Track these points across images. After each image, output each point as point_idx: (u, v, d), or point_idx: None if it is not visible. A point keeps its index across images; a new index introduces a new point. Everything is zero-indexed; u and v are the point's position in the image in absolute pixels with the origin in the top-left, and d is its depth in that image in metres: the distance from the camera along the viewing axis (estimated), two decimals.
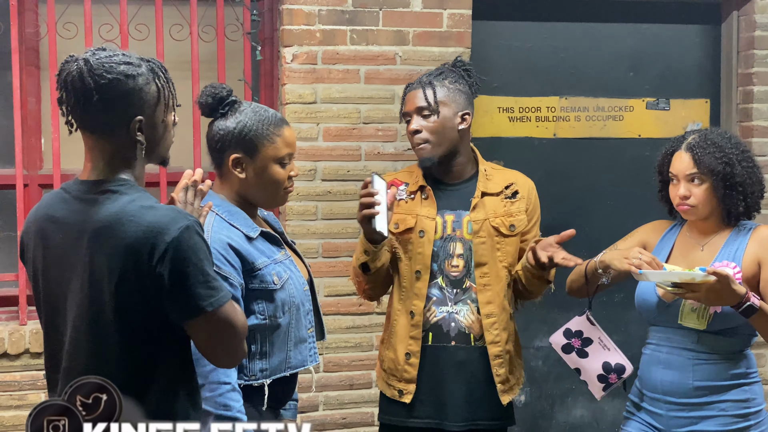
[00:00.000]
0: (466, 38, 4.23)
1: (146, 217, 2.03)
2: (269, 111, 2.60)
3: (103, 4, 4.08)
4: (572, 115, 4.60)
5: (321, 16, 4.09)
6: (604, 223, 4.44)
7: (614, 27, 4.64)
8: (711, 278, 2.61)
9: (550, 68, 4.58)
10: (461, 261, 3.02)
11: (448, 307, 3.04)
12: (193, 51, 4.10)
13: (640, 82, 4.66)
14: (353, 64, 4.12)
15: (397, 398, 3.07)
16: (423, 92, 3.04)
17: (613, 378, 2.93)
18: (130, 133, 2.11)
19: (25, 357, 3.96)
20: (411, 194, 3.08)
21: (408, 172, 3.18)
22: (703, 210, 2.85)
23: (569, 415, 4.69)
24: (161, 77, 2.16)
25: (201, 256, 2.04)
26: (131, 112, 2.10)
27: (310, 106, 4.09)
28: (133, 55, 2.14)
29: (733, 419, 2.83)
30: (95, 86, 2.06)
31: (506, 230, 3.05)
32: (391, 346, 3.08)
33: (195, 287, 2.02)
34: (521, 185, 3.15)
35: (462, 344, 3.04)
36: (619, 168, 4.64)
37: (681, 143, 2.91)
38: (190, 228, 2.03)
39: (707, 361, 2.84)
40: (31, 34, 4.17)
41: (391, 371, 3.08)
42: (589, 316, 2.99)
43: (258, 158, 2.54)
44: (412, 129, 3.03)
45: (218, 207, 2.53)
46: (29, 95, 4.17)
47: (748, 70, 4.56)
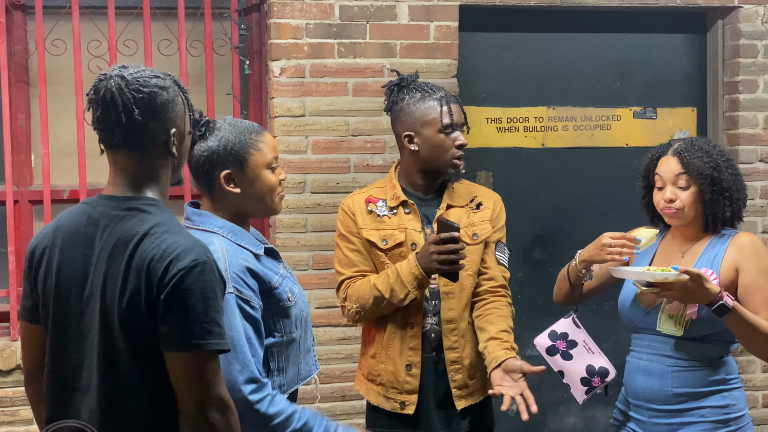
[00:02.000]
0: (453, 50, 4.25)
1: (167, 241, 2.03)
2: (245, 122, 2.59)
3: (92, 20, 4.10)
4: (560, 125, 4.62)
5: (308, 30, 4.11)
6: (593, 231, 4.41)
7: (601, 37, 4.66)
8: (684, 277, 2.63)
9: (538, 78, 4.60)
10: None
11: (429, 318, 3.05)
12: (182, 66, 4.11)
13: (627, 92, 4.69)
14: (341, 76, 4.14)
15: (398, 410, 3.06)
16: (460, 107, 3.05)
17: (596, 381, 2.93)
18: (168, 146, 2.13)
19: (17, 373, 3.95)
20: (392, 209, 3.06)
21: (379, 188, 3.15)
22: (689, 214, 2.86)
23: (561, 423, 4.70)
24: (183, 90, 2.19)
25: (207, 295, 2.02)
26: (169, 124, 2.13)
27: (298, 119, 4.11)
28: (155, 69, 2.17)
29: (714, 425, 2.84)
30: (135, 101, 2.07)
31: (469, 239, 3.04)
32: (389, 359, 3.06)
33: (188, 322, 2.01)
34: (485, 197, 3.16)
35: (441, 354, 3.06)
36: (607, 177, 4.66)
37: (667, 149, 2.93)
38: (204, 264, 2.02)
39: (686, 368, 2.85)
40: (19, 50, 4.18)
41: (391, 384, 3.06)
42: (574, 318, 2.99)
43: (248, 169, 2.52)
44: (463, 141, 3.02)
45: (222, 228, 2.50)
46: (19, 112, 4.18)
47: (733, 79, 4.59)
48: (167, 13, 4.16)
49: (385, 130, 4.17)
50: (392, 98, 3.08)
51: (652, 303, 2.89)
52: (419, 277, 2.90)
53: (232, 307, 2.38)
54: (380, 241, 3.04)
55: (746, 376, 4.49)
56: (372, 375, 3.11)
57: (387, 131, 4.18)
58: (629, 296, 2.96)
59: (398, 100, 3.06)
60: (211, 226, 2.50)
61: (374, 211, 3.07)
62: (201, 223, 2.51)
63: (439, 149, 3.00)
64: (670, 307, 2.84)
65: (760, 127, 4.57)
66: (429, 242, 2.89)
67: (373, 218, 3.06)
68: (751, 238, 2.89)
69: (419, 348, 3.03)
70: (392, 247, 3.03)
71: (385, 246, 3.04)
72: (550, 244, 4.64)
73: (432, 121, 2.98)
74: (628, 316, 2.96)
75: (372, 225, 3.06)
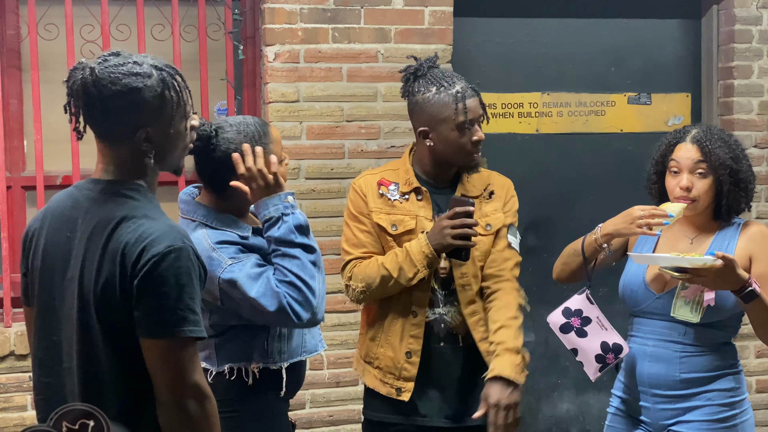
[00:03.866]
0: (448, 35, 4.24)
1: (143, 227, 2.01)
2: (250, 124, 2.58)
3: (84, 4, 4.08)
4: (554, 111, 4.62)
5: (303, 15, 4.09)
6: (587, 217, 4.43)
7: (595, 22, 4.66)
8: (719, 262, 2.60)
9: (532, 64, 4.59)
10: (447, 263, 3.02)
11: (440, 308, 3.03)
12: (175, 51, 4.09)
13: (622, 77, 4.68)
14: (335, 62, 4.13)
15: (394, 396, 3.04)
16: (479, 99, 2.98)
17: (610, 358, 2.89)
18: (136, 143, 2.09)
19: (11, 359, 3.95)
20: (404, 195, 3.03)
21: (392, 170, 3.11)
22: (702, 204, 2.84)
23: (555, 409, 4.71)
24: (174, 85, 2.10)
25: (181, 281, 2.00)
26: (135, 123, 2.07)
27: (292, 105, 4.09)
28: (146, 63, 2.08)
29: (720, 408, 2.85)
30: (98, 97, 2.04)
31: (483, 230, 3.02)
32: (389, 344, 3.03)
33: (162, 309, 1.99)
34: (497, 185, 3.12)
35: (450, 344, 3.04)
36: (602, 163, 4.66)
37: (684, 135, 2.88)
38: (180, 250, 2.00)
39: (694, 353, 2.85)
40: (12, 35, 4.16)
41: (389, 369, 3.05)
42: (588, 294, 2.95)
43: None
44: (480, 137, 2.96)
45: (205, 217, 2.56)
46: (11, 97, 4.16)
47: (728, 64, 4.58)
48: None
49: (380, 116, 4.16)
50: (408, 87, 3.03)
51: (662, 288, 2.87)
52: (429, 256, 2.88)
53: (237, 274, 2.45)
54: (390, 226, 3.01)
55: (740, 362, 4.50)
56: (370, 357, 3.10)
57: (382, 117, 4.17)
58: (636, 279, 2.92)
59: (414, 92, 2.99)
60: (194, 215, 2.56)
61: (386, 194, 3.04)
62: (186, 212, 2.59)
63: (454, 146, 2.95)
64: (686, 293, 2.81)
65: (754, 113, 4.57)
66: (442, 218, 2.87)
67: (384, 202, 3.03)
68: (760, 227, 2.89)
69: (421, 337, 3.01)
70: (402, 233, 3.00)
71: (394, 231, 3.00)
72: (544, 230, 4.64)
73: (446, 119, 2.91)
74: (635, 300, 2.93)
75: (383, 209, 3.02)
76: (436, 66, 3.04)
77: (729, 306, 2.78)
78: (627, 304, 2.99)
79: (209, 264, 2.43)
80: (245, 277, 2.45)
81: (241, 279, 2.44)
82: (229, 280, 2.45)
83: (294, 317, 2.44)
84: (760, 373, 4.69)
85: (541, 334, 4.57)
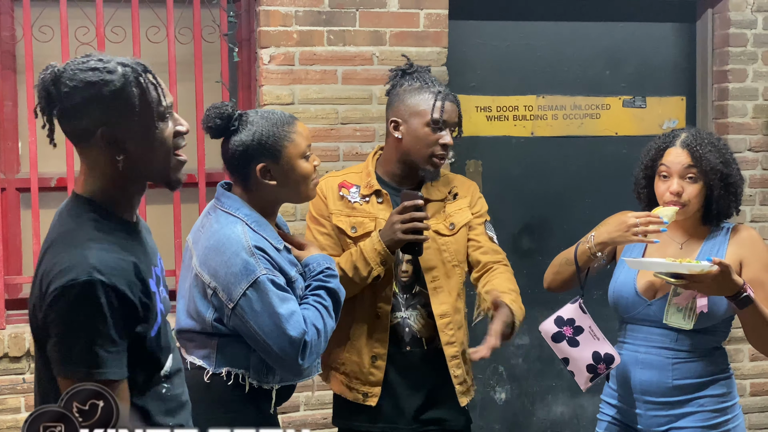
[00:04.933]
0: (443, 38, 4.24)
1: (59, 255, 1.91)
2: (276, 112, 2.60)
3: (79, 6, 4.07)
4: (549, 114, 4.62)
5: (298, 17, 4.09)
6: (582, 220, 4.45)
7: (590, 25, 4.66)
8: (715, 268, 2.59)
9: (527, 67, 4.60)
10: (410, 267, 3.01)
11: (402, 312, 3.02)
12: (170, 53, 4.09)
13: (617, 80, 4.69)
14: (330, 64, 4.13)
15: (361, 402, 3.03)
16: (457, 108, 2.99)
17: (602, 368, 2.87)
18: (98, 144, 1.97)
19: (5, 361, 3.94)
20: (365, 197, 3.03)
21: (355, 173, 3.11)
22: (692, 209, 2.83)
23: (550, 412, 4.71)
24: (140, 82, 1.97)
25: (81, 318, 1.87)
26: (94, 122, 1.95)
27: (287, 107, 4.09)
28: (113, 60, 1.97)
29: (712, 414, 2.84)
30: (57, 95, 1.95)
31: (446, 230, 3.02)
32: (354, 348, 3.02)
33: (60, 347, 1.90)
34: (462, 187, 3.12)
35: (416, 348, 3.03)
36: (597, 166, 4.67)
37: (674, 139, 2.87)
38: (85, 285, 1.86)
39: (686, 359, 2.84)
40: (6, 37, 4.15)
41: (355, 374, 3.03)
42: (581, 303, 2.92)
43: (283, 161, 2.55)
44: (449, 142, 2.95)
45: (247, 217, 2.53)
46: (6, 99, 4.16)
47: (723, 68, 4.59)
48: (155, 0, 4.14)
49: (375, 119, 4.16)
50: (393, 82, 3.06)
51: (654, 294, 2.87)
52: (382, 253, 2.87)
53: (268, 287, 2.43)
54: (349, 229, 3.00)
55: (735, 365, 4.50)
56: (336, 362, 3.08)
57: (376, 119, 4.17)
58: (627, 286, 2.91)
59: (397, 85, 3.03)
60: (237, 212, 2.54)
61: (346, 196, 3.04)
62: (229, 206, 2.56)
63: (422, 142, 2.94)
64: (678, 300, 2.80)
65: (749, 117, 4.58)
66: (392, 213, 2.88)
67: (344, 204, 3.03)
68: (749, 232, 2.89)
69: (386, 340, 3.00)
70: (361, 235, 2.99)
71: (354, 234, 3.00)
72: (539, 232, 4.65)
73: (422, 112, 2.93)
74: (626, 307, 2.91)
75: (343, 211, 3.03)
76: (428, 71, 3.07)
77: (721, 312, 2.78)
78: (618, 311, 2.97)
79: (244, 267, 2.42)
80: (276, 292, 2.44)
81: (272, 291, 2.43)
82: (260, 287, 2.42)
83: (301, 355, 2.44)
84: (754, 376, 4.69)
85: (535, 337, 4.56)
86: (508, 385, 4.65)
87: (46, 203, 4.06)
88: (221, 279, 2.45)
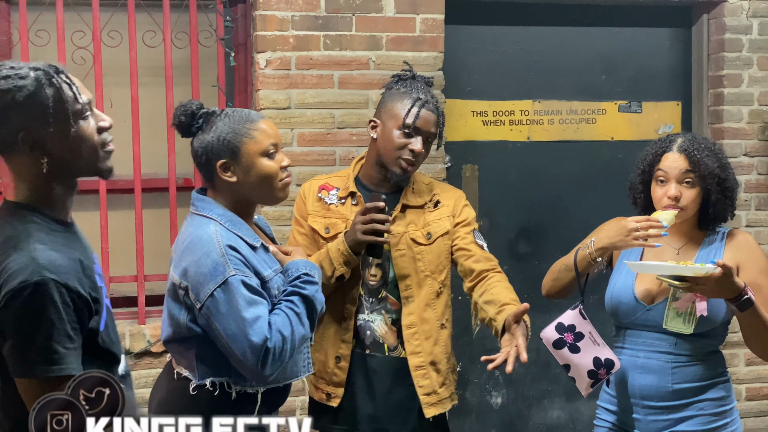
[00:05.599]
0: (440, 43, 4.24)
1: (6, 259, 1.94)
2: (243, 111, 2.58)
3: (76, 11, 4.07)
4: (546, 119, 4.63)
5: (294, 22, 4.09)
6: (578, 225, 4.45)
7: (586, 30, 4.67)
8: (719, 270, 2.59)
9: (524, 72, 4.61)
10: (379, 271, 3.01)
11: (365, 315, 3.03)
12: (167, 57, 4.09)
13: (613, 85, 4.70)
14: (327, 69, 4.13)
15: (325, 402, 3.05)
16: (437, 119, 2.98)
17: (602, 373, 2.86)
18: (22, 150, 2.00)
19: None
20: (341, 199, 3.05)
21: (340, 177, 3.13)
22: (689, 213, 2.84)
23: (546, 416, 4.71)
24: (54, 83, 2.00)
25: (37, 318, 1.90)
26: (14, 128, 1.97)
27: (284, 112, 4.09)
28: (24, 66, 2.00)
29: (712, 417, 2.84)
30: None
31: (423, 239, 3.02)
32: (322, 348, 3.04)
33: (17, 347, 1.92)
34: (445, 196, 3.11)
35: (376, 353, 3.03)
36: (593, 170, 4.67)
37: (671, 144, 2.88)
38: (36, 285, 1.90)
39: (685, 363, 2.84)
40: (3, 41, 4.15)
41: (320, 374, 3.05)
42: (581, 309, 2.91)
43: (242, 157, 2.52)
44: (417, 149, 2.94)
45: (221, 216, 2.52)
46: None
47: (718, 73, 4.60)
48: (152, 4, 4.14)
49: None
50: (387, 86, 3.08)
51: (652, 300, 2.86)
52: (345, 254, 2.90)
53: (237, 288, 2.38)
54: (323, 229, 3.04)
55: (730, 370, 4.47)
56: None
57: None
58: (625, 292, 2.90)
59: (388, 88, 3.06)
60: (210, 213, 2.52)
61: (324, 198, 3.07)
62: (202, 209, 2.55)
63: (391, 145, 2.95)
64: (678, 304, 2.80)
65: (744, 122, 4.59)
66: (356, 215, 2.90)
67: (321, 205, 3.06)
68: (745, 236, 2.90)
69: (350, 341, 3.01)
70: (333, 236, 3.01)
71: (327, 234, 3.03)
72: (535, 237, 4.65)
73: (396, 116, 2.95)
74: (625, 312, 2.91)
75: (319, 212, 3.06)
76: (429, 83, 3.08)
77: (720, 315, 2.78)
78: (616, 317, 2.96)
79: (213, 267, 2.40)
80: (244, 294, 2.40)
81: (240, 293, 2.39)
82: (228, 288, 2.39)
83: (261, 362, 2.39)
84: (750, 381, 4.70)
85: (532, 342, 4.53)
86: (504, 390, 4.65)
87: None
88: (191, 279, 2.43)
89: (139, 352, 4.06)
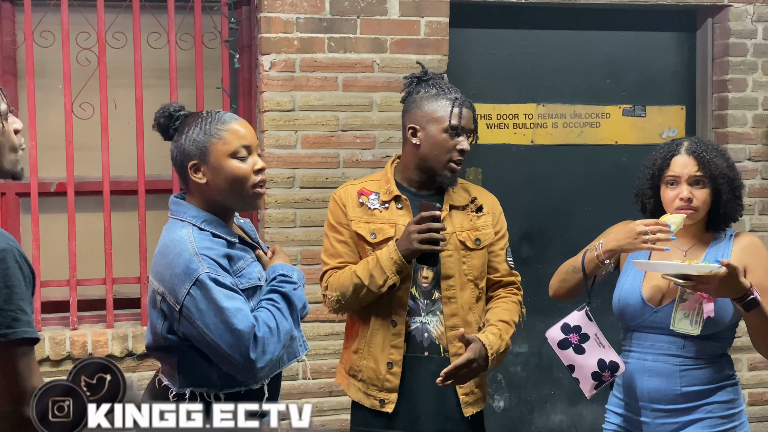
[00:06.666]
0: (444, 46, 4.24)
1: None
2: (218, 112, 2.55)
3: (81, 12, 4.08)
4: (549, 122, 4.63)
5: (299, 24, 4.10)
6: (582, 229, 4.46)
7: (591, 34, 4.67)
8: (723, 269, 2.60)
9: (528, 75, 4.60)
10: (430, 272, 3.01)
11: (421, 317, 3.03)
12: (171, 59, 4.09)
13: (617, 89, 4.69)
14: (331, 71, 4.13)
15: (378, 408, 3.04)
16: (473, 115, 3.03)
17: (606, 376, 2.87)
18: None
19: None
20: (384, 204, 3.05)
21: (374, 181, 3.13)
22: (701, 214, 2.85)
23: (548, 420, 4.71)
24: None
25: (9, 283, 1.95)
26: None
27: (288, 114, 4.09)
28: None
29: (720, 420, 2.84)
30: None
31: (472, 244, 3.03)
32: (371, 355, 3.04)
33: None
34: (486, 201, 3.15)
35: (434, 355, 3.03)
36: (596, 174, 4.67)
37: (678, 147, 2.89)
38: (5, 251, 1.96)
39: (693, 366, 2.84)
40: (7, 42, 4.16)
41: (371, 381, 3.05)
42: (587, 311, 2.92)
43: (211, 158, 2.47)
44: (466, 148, 3.00)
45: (194, 218, 2.49)
46: None
47: (722, 77, 4.59)
48: (157, 6, 4.14)
49: (375, 126, 4.17)
50: (409, 89, 3.08)
51: (660, 301, 2.87)
52: (398, 262, 2.89)
53: (212, 285, 2.35)
54: (369, 235, 3.02)
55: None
56: (353, 370, 3.10)
57: (377, 126, 4.18)
58: (633, 294, 2.91)
59: (413, 92, 3.06)
60: (184, 216, 2.50)
61: (365, 203, 3.06)
62: (177, 212, 2.53)
63: (440, 148, 2.97)
64: (685, 306, 2.80)
65: (748, 126, 4.58)
66: (409, 223, 2.89)
67: (363, 211, 3.05)
68: (752, 239, 2.91)
69: (401, 347, 3.01)
70: (381, 241, 3.00)
71: (373, 240, 3.02)
72: (538, 240, 4.65)
73: (440, 119, 2.96)
74: (632, 314, 2.91)
75: (362, 218, 3.04)
76: (442, 77, 3.10)
77: (728, 317, 2.78)
78: (624, 319, 2.96)
79: (186, 266, 2.37)
80: (221, 289, 2.36)
81: (217, 289, 2.36)
82: (203, 285, 2.35)
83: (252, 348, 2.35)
84: (753, 385, 4.69)
85: (534, 345, 4.57)
86: (506, 393, 4.65)
87: (45, 208, 4.06)
88: (167, 282, 2.40)
89: (141, 354, 4.07)
